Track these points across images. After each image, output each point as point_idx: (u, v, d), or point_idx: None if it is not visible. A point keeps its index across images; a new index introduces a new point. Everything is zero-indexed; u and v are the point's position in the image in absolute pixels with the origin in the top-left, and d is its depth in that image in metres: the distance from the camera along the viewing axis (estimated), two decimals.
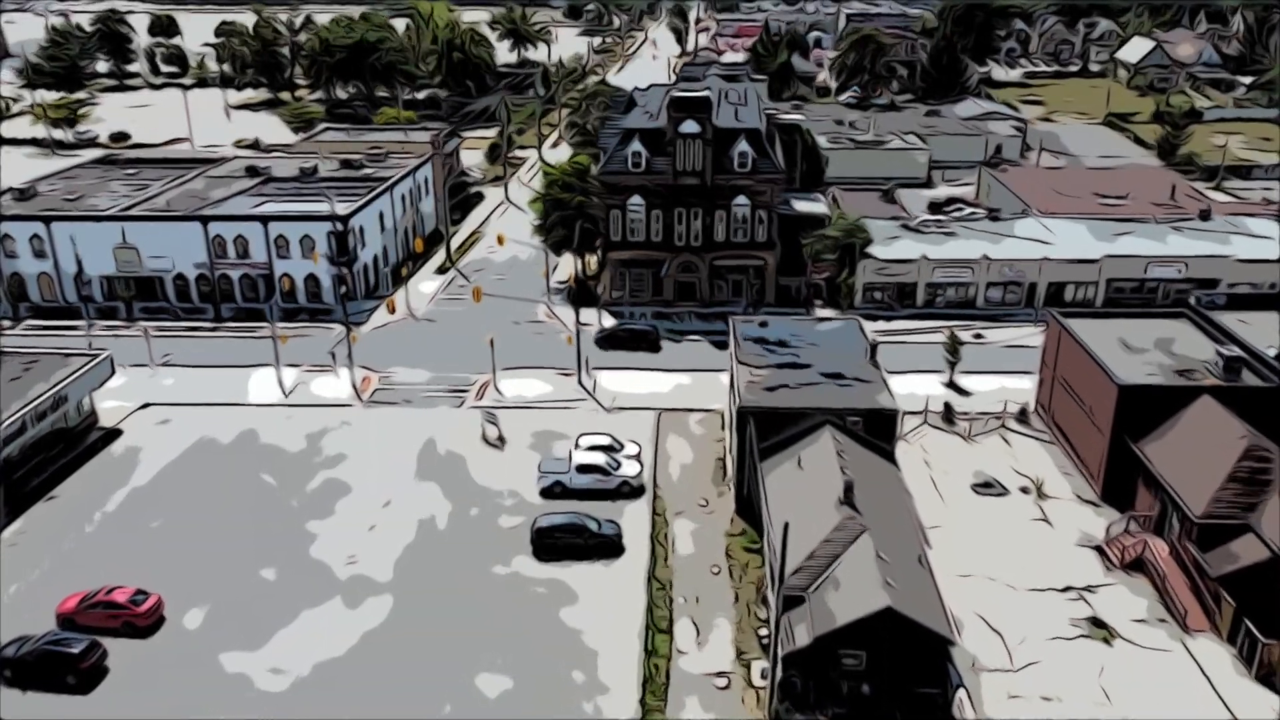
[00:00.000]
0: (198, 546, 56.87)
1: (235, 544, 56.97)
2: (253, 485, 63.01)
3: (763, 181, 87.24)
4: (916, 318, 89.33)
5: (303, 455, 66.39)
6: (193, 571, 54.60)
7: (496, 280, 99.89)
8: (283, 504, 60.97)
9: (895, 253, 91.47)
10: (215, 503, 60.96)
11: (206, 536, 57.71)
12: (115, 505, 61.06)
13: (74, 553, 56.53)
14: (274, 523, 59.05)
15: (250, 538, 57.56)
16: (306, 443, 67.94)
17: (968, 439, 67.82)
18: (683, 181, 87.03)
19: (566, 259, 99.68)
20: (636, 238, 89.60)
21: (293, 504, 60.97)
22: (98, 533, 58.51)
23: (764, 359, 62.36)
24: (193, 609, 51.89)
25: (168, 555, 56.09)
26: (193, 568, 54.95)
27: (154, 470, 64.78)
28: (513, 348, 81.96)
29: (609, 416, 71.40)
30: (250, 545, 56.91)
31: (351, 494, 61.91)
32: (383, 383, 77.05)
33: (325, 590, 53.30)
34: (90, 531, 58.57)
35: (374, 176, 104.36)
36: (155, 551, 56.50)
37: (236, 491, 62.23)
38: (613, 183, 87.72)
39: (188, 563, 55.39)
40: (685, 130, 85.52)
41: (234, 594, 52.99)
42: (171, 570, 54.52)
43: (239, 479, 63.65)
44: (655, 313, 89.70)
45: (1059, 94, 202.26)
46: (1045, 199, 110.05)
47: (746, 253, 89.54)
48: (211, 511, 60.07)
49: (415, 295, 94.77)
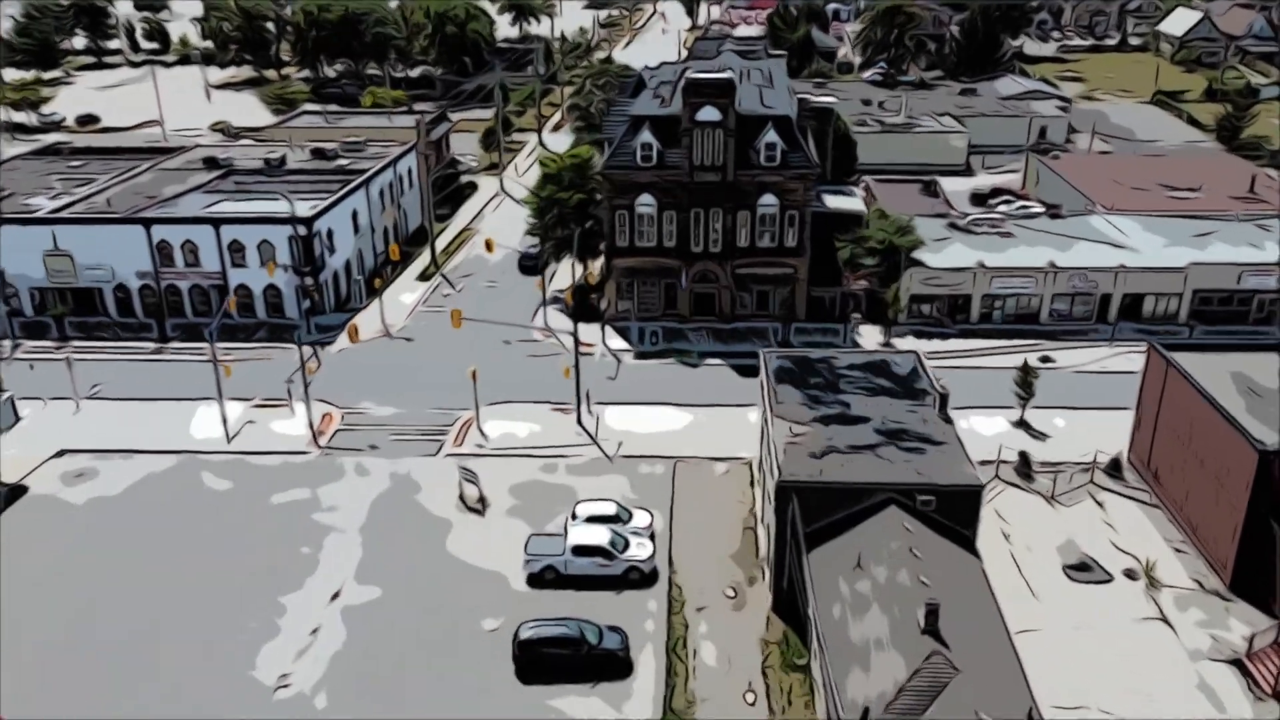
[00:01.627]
0: (85, 661, 45.06)
1: (134, 658, 45.13)
2: (169, 570, 51.05)
3: (794, 177, 74.70)
4: (970, 335, 76.94)
5: (238, 525, 54.45)
6: (76, 694, 42.86)
7: (487, 288, 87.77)
8: (204, 599, 48.94)
9: (946, 259, 78.95)
10: (115, 599, 49.02)
11: (99, 645, 45.87)
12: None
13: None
14: (189, 627, 47.11)
15: (157, 648, 45.71)
16: (244, 506, 56.03)
17: (1051, 500, 55.63)
18: (700, 178, 74.55)
19: (569, 263, 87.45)
20: (646, 242, 77.20)
21: (217, 599, 48.95)
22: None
23: (806, 409, 50.09)
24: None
25: (53, 672, 44.36)
26: (78, 689, 43.20)
27: (54, 548, 52.90)
28: (502, 374, 69.99)
29: (613, 467, 59.36)
30: (155, 660, 45.08)
31: (293, 582, 49.93)
32: (346, 421, 65.03)
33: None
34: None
35: (349, 169, 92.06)
36: (37, 667, 44.76)
37: (146, 580, 50.27)
38: (618, 179, 75.26)
39: (73, 683, 43.64)
40: (703, 118, 72.95)
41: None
42: (50, 694, 42.82)
43: (154, 561, 51.73)
44: (667, 329, 77.44)
45: (1098, 69, 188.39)
46: (1107, 191, 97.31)
47: (774, 260, 77.12)
48: (110, 610, 48.16)
49: (393, 307, 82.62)
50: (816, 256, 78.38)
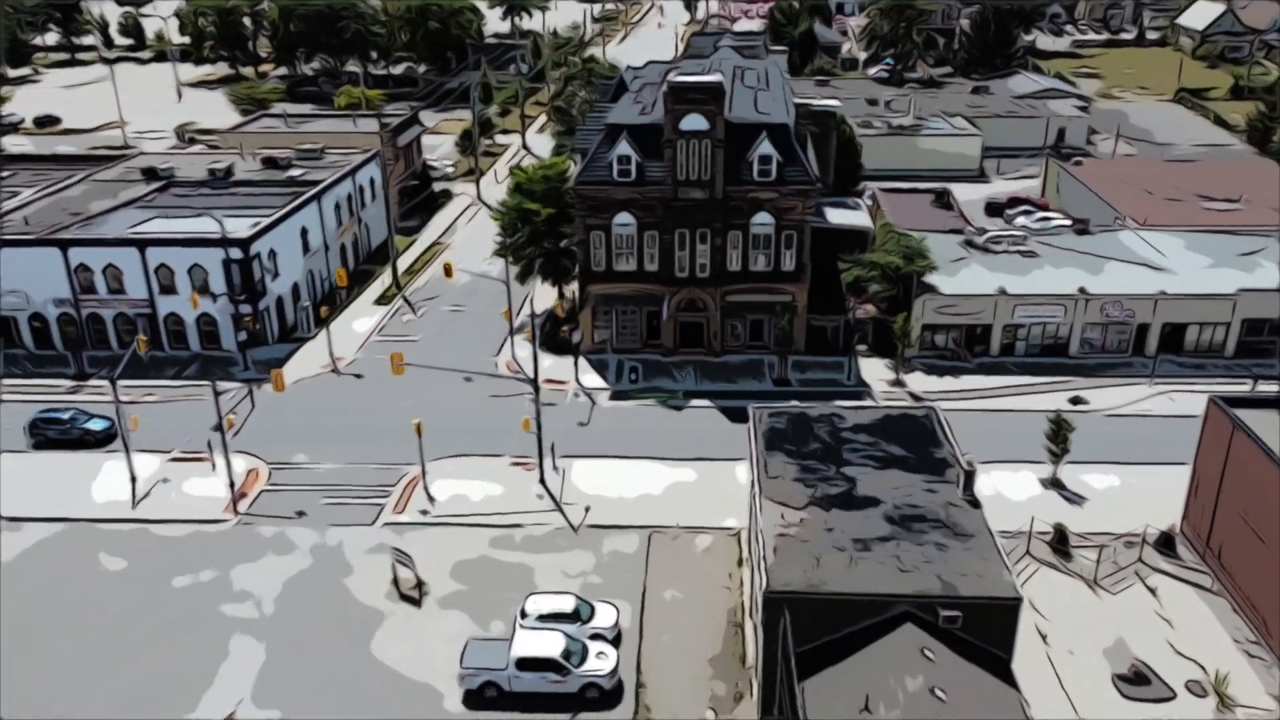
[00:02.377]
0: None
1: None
2: (32, 682, 42.55)
3: (791, 194, 65.94)
4: (990, 371, 68.21)
5: (128, 618, 45.89)
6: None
7: (452, 312, 79.09)
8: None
9: (963, 284, 70.17)
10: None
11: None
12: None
13: None
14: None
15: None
16: (139, 593, 47.47)
17: (1094, 585, 46.93)
18: (685, 194, 65.84)
19: (541, 288, 78.95)
20: (625, 266, 68.51)
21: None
22: None
23: (801, 488, 41.40)
24: None
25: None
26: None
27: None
28: (459, 420, 61.58)
29: (578, 540, 50.76)
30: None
31: (184, 700, 41.34)
32: (274, 480, 56.42)
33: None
34: None
35: (302, 180, 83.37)
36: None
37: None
38: (592, 195, 66.54)
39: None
40: (688, 127, 64.19)
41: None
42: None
43: (15, 669, 43.23)
44: (649, 364, 68.80)
45: (1114, 65, 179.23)
46: (1136, 202, 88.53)
47: (769, 286, 68.40)
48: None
49: (344, 337, 73.94)
50: (817, 281, 69.71)
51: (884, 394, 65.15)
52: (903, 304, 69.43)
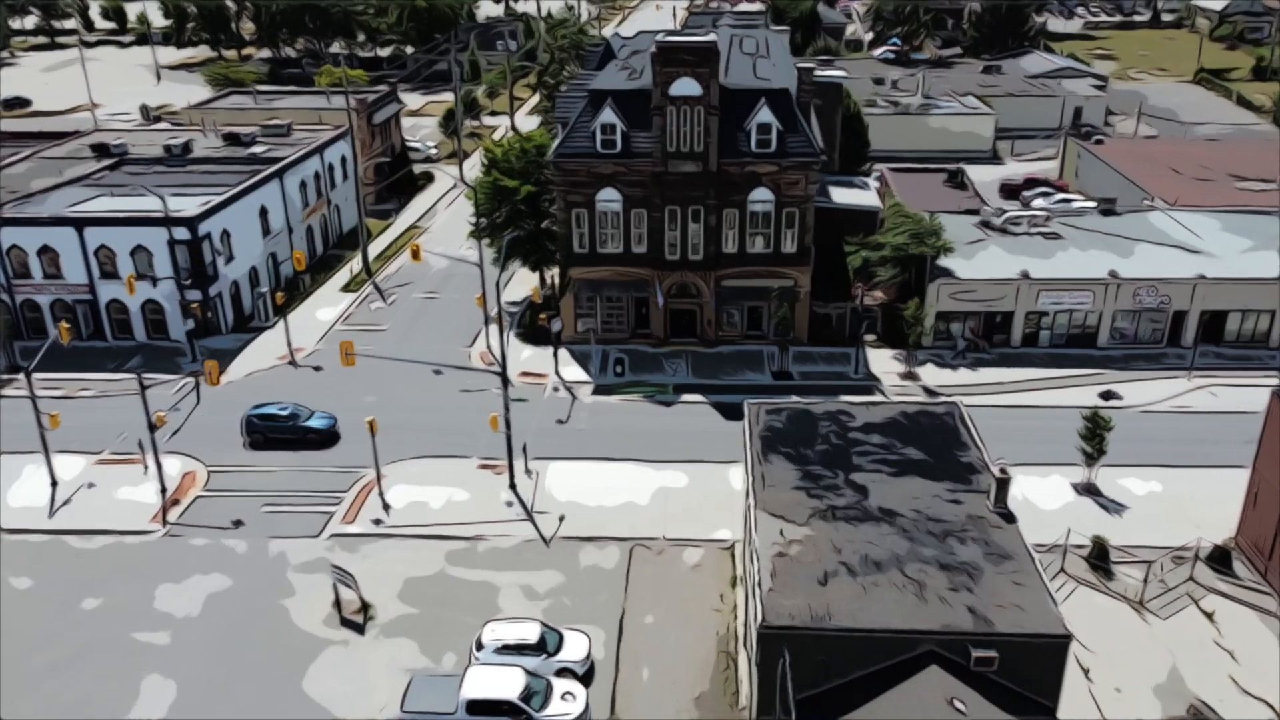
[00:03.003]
0: None
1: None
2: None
3: (793, 166, 59.69)
4: (1011, 363, 62.00)
5: (24, 649, 39.82)
6: None
7: (425, 300, 72.97)
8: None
9: (981, 267, 63.98)
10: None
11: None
12: None
13: None
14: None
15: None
16: (42, 617, 41.39)
17: (1141, 608, 40.81)
18: (676, 167, 59.64)
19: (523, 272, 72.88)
20: (610, 248, 62.34)
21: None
22: None
23: (804, 498, 35.28)
24: None
25: None
26: None
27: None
28: (425, 417, 55.62)
29: (549, 555, 44.66)
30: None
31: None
32: (212, 484, 50.33)
33: None
34: None
35: (264, 157, 77.21)
36: None
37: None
38: (573, 169, 60.32)
39: None
40: (679, 92, 57.96)
41: None
42: None
43: None
44: (636, 356, 62.66)
45: (1129, 47, 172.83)
46: (1164, 182, 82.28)
47: (769, 269, 62.19)
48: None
49: (306, 326, 67.79)
50: (821, 264, 63.52)
51: (895, 388, 58.99)
52: (915, 290, 63.31)
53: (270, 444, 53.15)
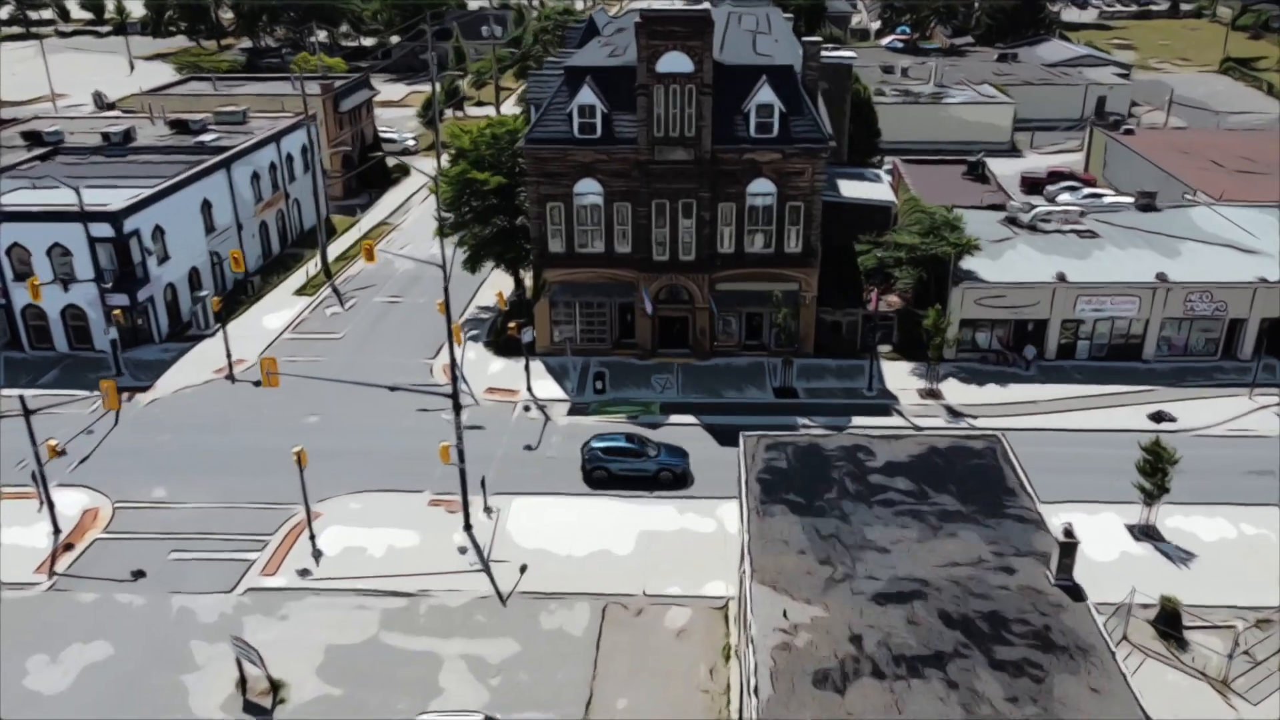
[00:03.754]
0: None
1: None
2: None
3: (798, 154, 52.23)
4: (1046, 378, 54.56)
5: None
6: None
7: (388, 304, 65.65)
8: None
9: (1010, 269, 56.56)
10: None
11: None
12: None
13: None
14: None
15: None
16: None
17: (1225, 689, 33.36)
18: (664, 155, 52.19)
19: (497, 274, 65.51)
20: (590, 247, 54.89)
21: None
22: None
23: (812, 564, 27.87)
24: None
25: None
26: None
27: None
28: (375, 440, 48.30)
29: (506, 616, 37.24)
30: None
31: None
32: (115, 524, 42.91)
33: None
34: None
35: (211, 146, 69.81)
36: None
37: None
38: (547, 157, 52.87)
39: None
40: (667, 69, 50.53)
41: None
42: None
43: None
44: (619, 369, 55.24)
45: (1148, 36, 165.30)
46: (1206, 176, 74.95)
47: (770, 272, 54.73)
48: None
49: (251, 335, 60.45)
50: (829, 266, 56.13)
51: (914, 407, 51.58)
52: (935, 295, 55.87)
53: (614, 482, 45.09)
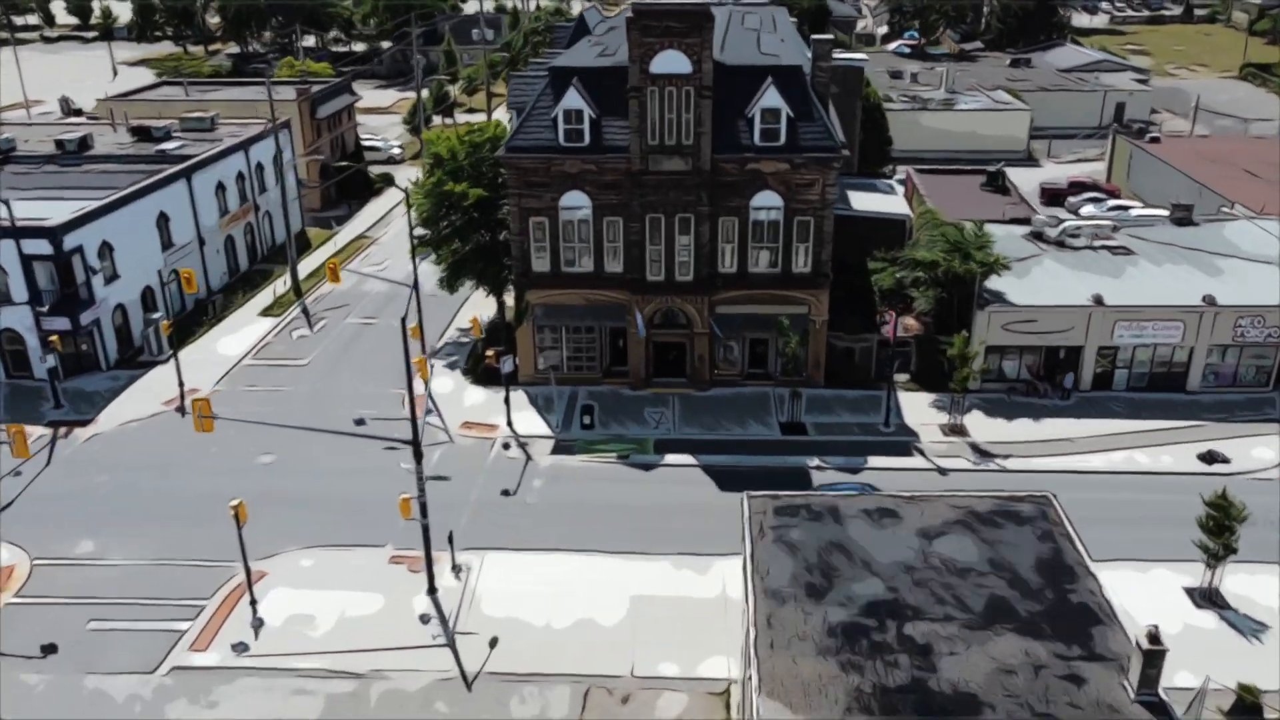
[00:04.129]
0: None
1: None
2: None
3: (808, 163, 47.12)
4: (1081, 411, 49.35)
5: None
6: None
7: (361, 326, 60.59)
8: None
9: (1039, 290, 51.40)
10: None
11: None
12: None
13: None
14: None
15: None
16: None
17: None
18: (659, 165, 47.10)
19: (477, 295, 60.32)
20: (577, 266, 49.75)
21: None
22: None
23: (834, 674, 22.61)
24: None
25: None
26: None
27: None
28: (336, 485, 43.04)
29: (472, 701, 31.99)
30: None
31: None
32: (30, 587, 37.66)
33: None
34: None
35: (174, 154, 64.82)
36: None
37: None
38: (530, 167, 47.77)
39: None
40: (662, 69, 45.46)
41: None
42: None
43: None
44: (609, 400, 50.05)
45: (1162, 42, 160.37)
46: (1243, 187, 69.94)
47: (776, 293, 49.56)
48: None
49: (208, 362, 55.36)
50: (840, 286, 50.97)
51: (937, 445, 46.42)
52: (958, 318, 50.70)
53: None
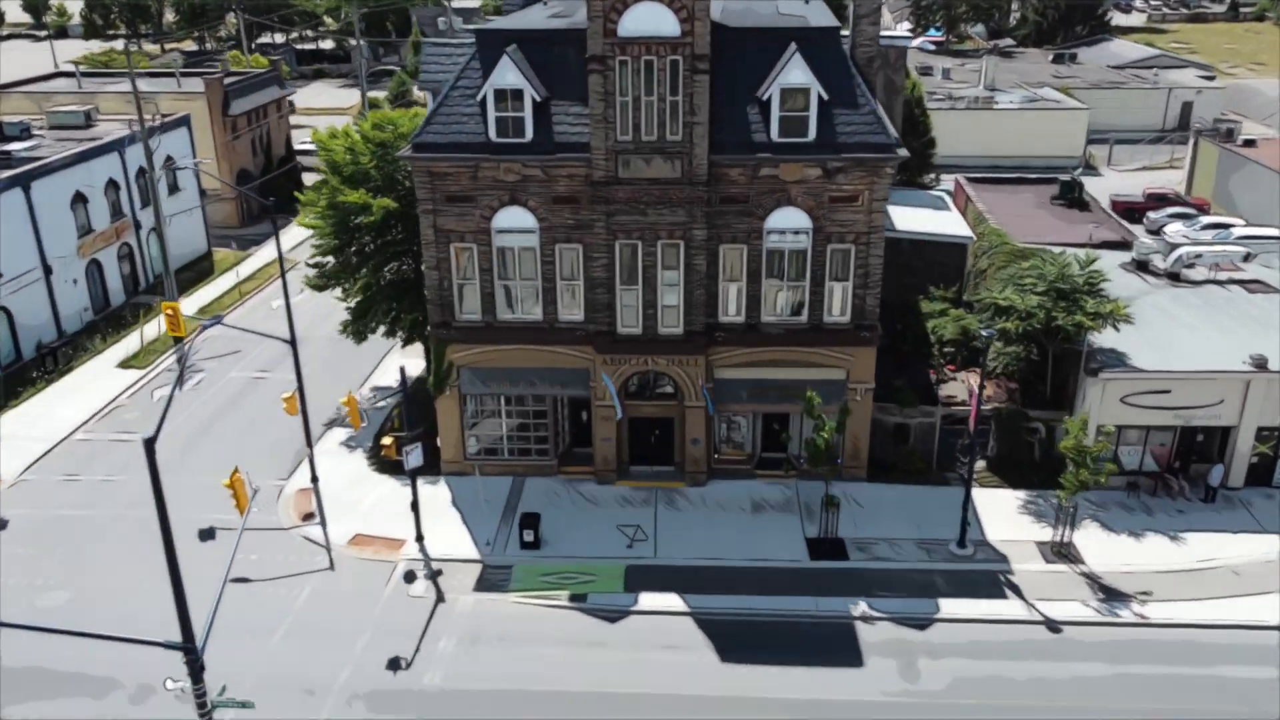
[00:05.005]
0: None
1: None
2: None
3: (851, 168, 32.55)
4: (1236, 522, 34.60)
5: None
6: None
7: (252, 381, 45.99)
8: None
9: (1168, 348, 36.59)
10: None
11: None
12: None
13: None
14: None
15: None
16: None
17: None
18: (635, 170, 32.53)
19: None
20: (519, 312, 35.12)
21: None
22: None
23: None
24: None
25: None
26: None
27: None
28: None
29: None
30: None
31: None
32: None
33: None
34: None
35: (21, 156, 50.42)
36: None
37: None
38: (446, 172, 33.19)
39: None
40: (636, 30, 30.95)
41: None
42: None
43: None
44: (563, 503, 35.37)
45: (1209, 40, 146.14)
46: None
47: (802, 352, 34.88)
48: None
49: (30, 435, 40.80)
50: (884, 335, 36.39)
51: (1036, 576, 31.79)
52: (1052, 384, 36.14)
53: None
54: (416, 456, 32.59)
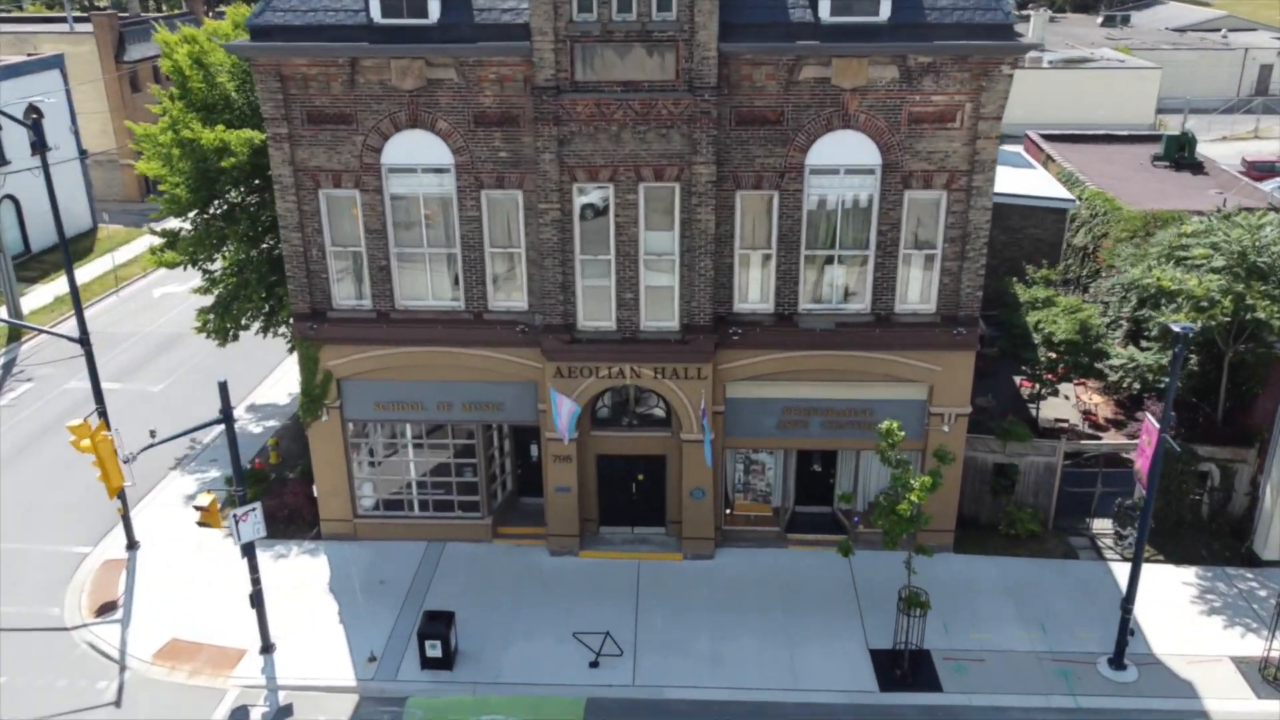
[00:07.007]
0: None
1: None
2: None
3: (950, 65, 20.36)
4: None
5: None
6: None
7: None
8: None
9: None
10: None
11: None
12: None
13: None
14: None
15: None
16: None
17: None
18: (600, 70, 20.33)
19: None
20: (426, 299, 22.91)
21: None
22: None
23: None
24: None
25: None
26: None
27: None
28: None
29: None
30: None
31: None
32: None
33: None
34: None
35: None
36: None
37: None
38: (302, 75, 21.02)
39: None
40: None
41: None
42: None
43: None
44: (490, 581, 23.21)
45: (1245, 5, 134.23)
46: None
47: (863, 356, 22.62)
48: None
49: None
50: None
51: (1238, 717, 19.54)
52: (1226, 410, 23.91)
53: None
54: (254, 526, 20.36)
